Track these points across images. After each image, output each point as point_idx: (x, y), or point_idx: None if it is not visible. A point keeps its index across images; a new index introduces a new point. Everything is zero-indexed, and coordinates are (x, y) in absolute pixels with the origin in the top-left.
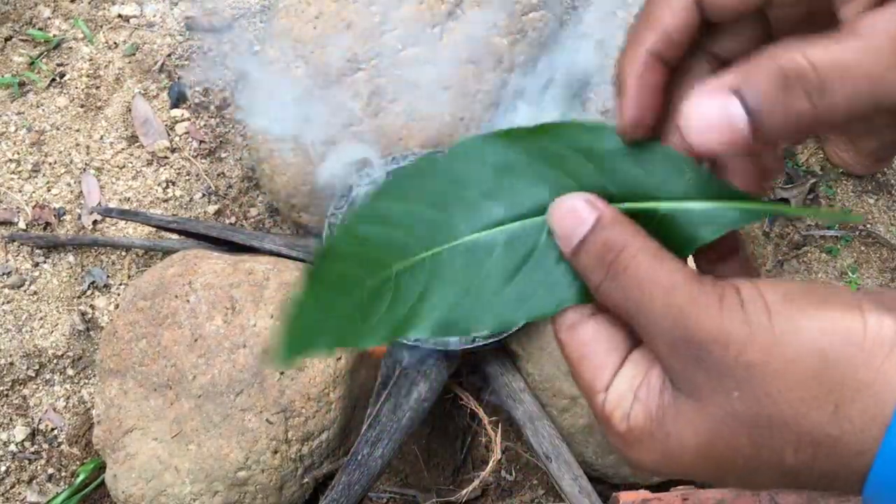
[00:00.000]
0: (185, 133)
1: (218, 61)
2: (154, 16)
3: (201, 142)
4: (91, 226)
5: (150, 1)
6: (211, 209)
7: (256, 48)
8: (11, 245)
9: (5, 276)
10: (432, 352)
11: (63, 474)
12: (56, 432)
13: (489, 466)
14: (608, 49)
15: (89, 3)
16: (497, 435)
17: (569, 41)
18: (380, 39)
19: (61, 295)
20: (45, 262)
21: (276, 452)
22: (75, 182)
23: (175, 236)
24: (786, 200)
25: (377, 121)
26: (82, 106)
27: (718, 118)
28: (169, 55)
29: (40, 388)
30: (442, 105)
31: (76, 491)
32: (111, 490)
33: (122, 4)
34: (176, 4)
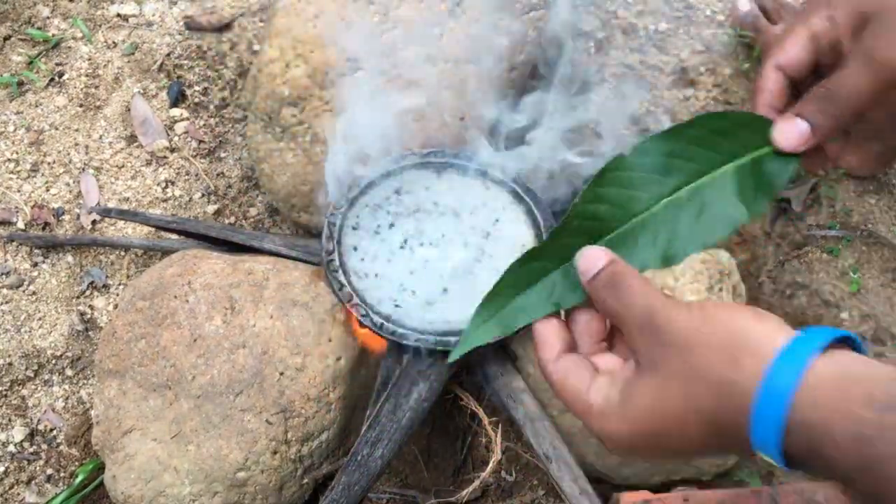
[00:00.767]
0: (185, 133)
1: (217, 61)
2: (153, 15)
3: (200, 141)
4: (90, 226)
5: (149, 0)
6: (210, 209)
7: (256, 47)
8: (10, 245)
9: (4, 276)
10: (432, 352)
11: (62, 475)
12: (55, 433)
13: (489, 467)
14: (608, 48)
15: (88, 3)
16: (497, 435)
17: (569, 41)
18: (380, 39)
19: (60, 295)
20: (44, 262)
21: (276, 453)
22: (74, 182)
23: (174, 236)
24: (787, 200)
25: (377, 121)
26: (81, 105)
27: (795, 130)
28: (168, 55)
29: (39, 389)
30: (442, 105)
31: (75, 492)
32: (110, 491)
33: (121, 4)
34: (175, 3)
